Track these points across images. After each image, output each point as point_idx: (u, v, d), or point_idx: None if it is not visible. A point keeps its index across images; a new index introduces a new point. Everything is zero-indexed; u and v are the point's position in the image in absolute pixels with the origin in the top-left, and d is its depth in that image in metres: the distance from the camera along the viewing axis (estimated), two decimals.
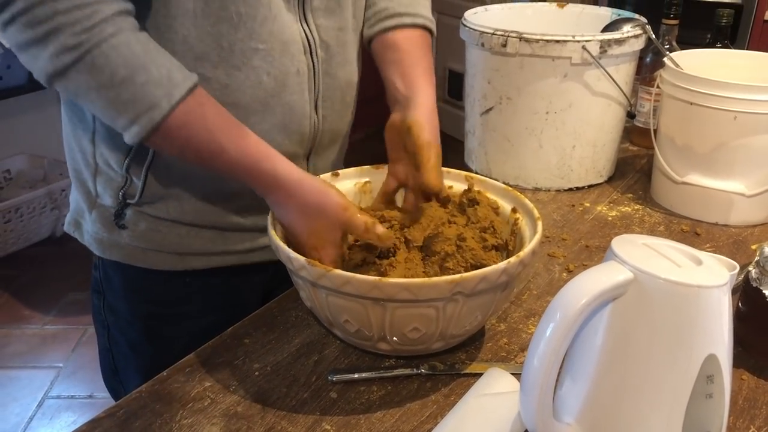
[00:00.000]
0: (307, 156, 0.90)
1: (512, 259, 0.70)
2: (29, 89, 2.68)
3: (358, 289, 0.67)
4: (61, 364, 2.22)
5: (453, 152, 1.37)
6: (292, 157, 0.85)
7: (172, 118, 0.70)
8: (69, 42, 0.66)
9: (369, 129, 3.53)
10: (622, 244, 0.58)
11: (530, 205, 0.82)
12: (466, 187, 0.86)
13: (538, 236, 0.75)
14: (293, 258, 0.70)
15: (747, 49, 1.25)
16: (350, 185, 0.90)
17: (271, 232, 0.75)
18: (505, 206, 0.85)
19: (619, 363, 0.57)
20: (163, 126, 0.70)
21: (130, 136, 0.71)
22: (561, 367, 0.62)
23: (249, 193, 0.83)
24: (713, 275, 0.55)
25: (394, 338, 0.72)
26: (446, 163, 0.90)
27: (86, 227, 0.90)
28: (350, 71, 0.90)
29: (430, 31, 0.92)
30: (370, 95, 1.17)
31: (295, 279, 0.74)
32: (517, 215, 0.83)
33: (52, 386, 2.13)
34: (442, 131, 0.84)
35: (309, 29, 0.83)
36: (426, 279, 0.68)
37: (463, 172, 0.89)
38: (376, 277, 0.66)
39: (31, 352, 2.27)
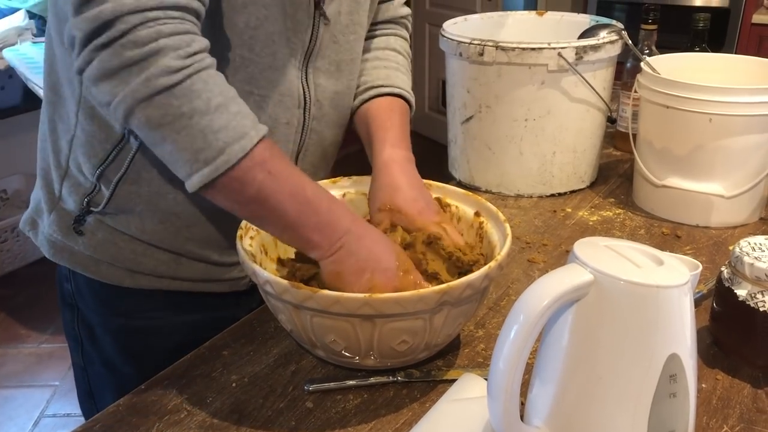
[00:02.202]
0: None
1: (492, 264, 0.72)
2: (24, 110, 2.69)
3: (348, 308, 0.66)
4: (57, 383, 2.22)
5: (442, 161, 1.37)
6: None
7: (259, 148, 0.69)
8: (173, 64, 0.64)
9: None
10: (584, 246, 0.59)
11: (493, 208, 0.84)
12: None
13: (509, 239, 0.77)
14: (273, 282, 0.68)
15: (735, 53, 1.26)
16: (339, 194, 0.90)
17: (244, 258, 0.73)
18: (467, 210, 0.87)
19: (584, 364, 0.57)
20: (252, 156, 0.68)
21: (211, 170, 0.67)
22: (532, 371, 0.63)
23: (207, 225, 0.86)
24: (673, 275, 0.56)
25: (382, 353, 0.72)
26: (434, 171, 0.92)
27: (42, 228, 0.89)
28: (337, 132, 0.94)
29: (407, 101, 0.96)
30: None
31: (274, 303, 0.73)
32: (481, 219, 0.85)
33: (48, 405, 2.13)
34: (437, 141, 0.86)
35: (308, 86, 0.86)
36: (415, 291, 0.67)
37: (422, 180, 0.90)
38: (366, 294, 0.66)
39: (28, 371, 2.28)
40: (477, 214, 0.86)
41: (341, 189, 0.91)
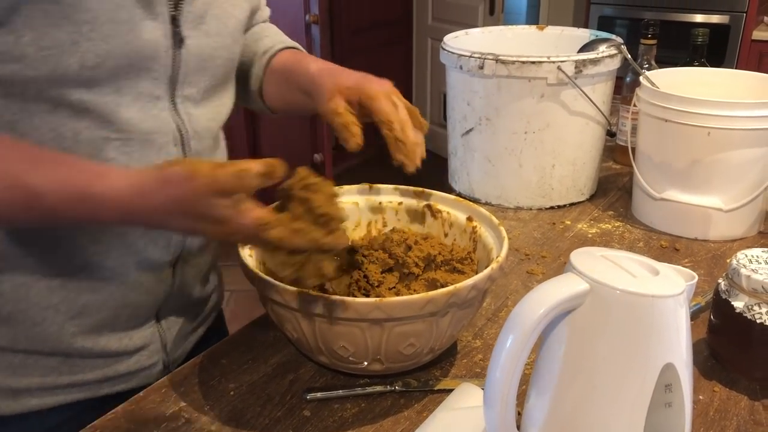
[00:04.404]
0: (174, 263, 0.81)
1: (493, 265, 0.73)
2: None
3: (359, 312, 0.67)
4: None
5: (443, 173, 1.38)
6: (156, 267, 0.78)
7: None
8: None
9: (367, 153, 3.55)
10: (581, 256, 0.59)
11: (486, 212, 0.84)
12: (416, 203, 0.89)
13: (506, 241, 0.78)
14: (282, 290, 0.68)
15: (736, 69, 1.27)
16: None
17: (249, 267, 0.72)
18: (459, 216, 0.87)
19: (579, 374, 0.57)
20: None
21: None
22: (529, 381, 0.63)
23: (101, 310, 0.74)
24: (669, 285, 0.56)
25: (388, 357, 0.72)
26: (434, 183, 0.92)
27: None
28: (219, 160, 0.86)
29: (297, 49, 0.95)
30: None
31: (281, 312, 0.72)
32: (474, 223, 0.85)
33: None
34: (438, 154, 0.86)
35: (181, 119, 0.76)
36: (424, 294, 0.68)
37: (412, 188, 0.91)
38: (376, 299, 0.66)
39: None
40: (470, 218, 0.86)
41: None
